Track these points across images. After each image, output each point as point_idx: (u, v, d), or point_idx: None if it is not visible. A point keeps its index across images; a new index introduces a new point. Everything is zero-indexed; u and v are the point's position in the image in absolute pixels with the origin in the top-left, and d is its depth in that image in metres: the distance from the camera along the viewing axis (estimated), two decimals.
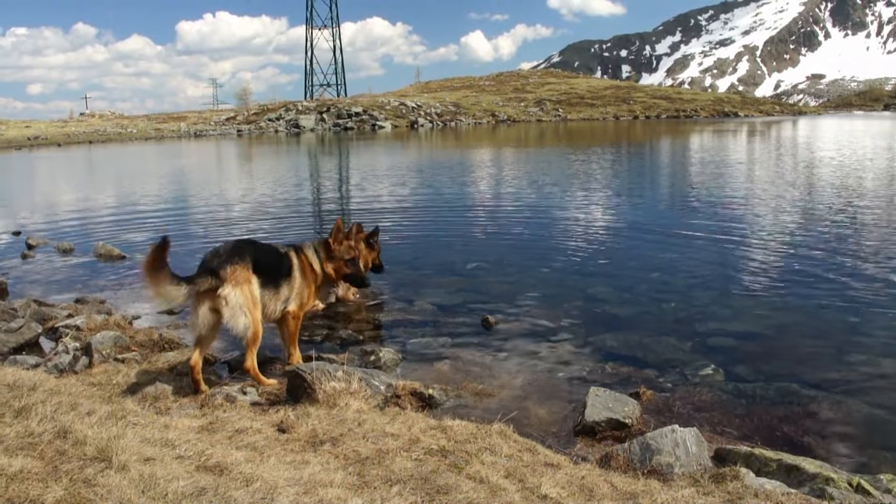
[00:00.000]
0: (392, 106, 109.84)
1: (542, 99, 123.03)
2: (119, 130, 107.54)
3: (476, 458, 4.67)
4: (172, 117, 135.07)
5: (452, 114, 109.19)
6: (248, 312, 6.29)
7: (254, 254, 6.55)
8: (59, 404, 4.10)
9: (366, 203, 21.46)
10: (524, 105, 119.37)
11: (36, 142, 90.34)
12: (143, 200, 24.54)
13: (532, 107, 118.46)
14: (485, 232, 15.59)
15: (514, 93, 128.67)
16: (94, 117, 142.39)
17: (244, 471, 3.49)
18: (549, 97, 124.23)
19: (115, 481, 2.98)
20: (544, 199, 20.87)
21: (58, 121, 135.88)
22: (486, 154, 43.30)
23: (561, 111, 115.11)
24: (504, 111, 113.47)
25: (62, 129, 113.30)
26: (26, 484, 2.96)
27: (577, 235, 14.66)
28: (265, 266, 6.64)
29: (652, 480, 4.60)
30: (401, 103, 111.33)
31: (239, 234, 16.20)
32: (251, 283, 6.34)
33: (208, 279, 6.14)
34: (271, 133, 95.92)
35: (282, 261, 6.97)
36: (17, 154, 68.11)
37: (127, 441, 3.50)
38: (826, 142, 47.54)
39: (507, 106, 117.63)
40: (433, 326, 8.87)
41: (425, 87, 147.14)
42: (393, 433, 4.93)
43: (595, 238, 14.33)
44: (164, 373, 6.95)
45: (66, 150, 71.65)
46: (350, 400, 5.56)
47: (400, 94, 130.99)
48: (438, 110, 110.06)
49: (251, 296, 6.34)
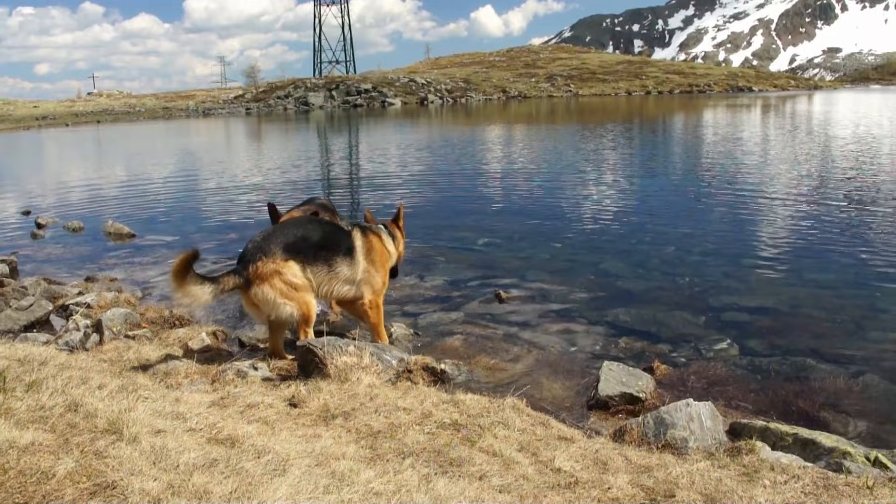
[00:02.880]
0: (402, 82, 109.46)
1: (553, 74, 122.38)
2: (127, 110, 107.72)
3: (489, 432, 4.64)
4: (181, 96, 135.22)
5: (463, 90, 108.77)
6: (287, 301, 6.19)
7: (287, 237, 6.29)
8: (69, 378, 4.08)
9: (377, 180, 21.41)
10: (535, 81, 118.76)
11: (44, 122, 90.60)
12: (152, 179, 24.56)
13: (543, 82, 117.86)
14: (496, 208, 15.51)
15: (525, 68, 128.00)
16: (101, 96, 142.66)
17: (256, 443, 3.47)
18: (560, 73, 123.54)
19: (126, 453, 2.97)
20: (556, 175, 20.77)
21: (66, 100, 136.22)
22: (496, 131, 43.12)
23: (572, 87, 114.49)
24: (515, 87, 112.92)
25: (70, 108, 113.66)
26: (38, 456, 2.94)
27: (589, 211, 14.58)
28: (311, 244, 6.37)
29: (666, 454, 4.56)
30: (410, 80, 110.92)
31: (249, 213, 16.17)
32: (281, 272, 6.12)
33: (233, 278, 6.06)
34: (280, 111, 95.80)
35: (339, 238, 6.60)
36: (26, 134, 68.30)
37: (138, 414, 3.48)
38: (842, 116, 47.19)
39: (517, 82, 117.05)
40: (445, 301, 8.84)
41: (435, 64, 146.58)
42: (405, 407, 4.90)
43: (607, 213, 14.25)
44: (175, 349, 6.94)
45: (74, 130, 71.80)
46: (362, 375, 5.53)
47: (410, 71, 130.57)
48: (448, 87, 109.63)
49: (285, 284, 6.15)
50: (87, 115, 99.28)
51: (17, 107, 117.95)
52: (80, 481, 2.77)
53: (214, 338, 7.30)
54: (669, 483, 4.01)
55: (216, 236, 13.62)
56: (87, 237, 13.98)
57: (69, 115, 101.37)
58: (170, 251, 12.07)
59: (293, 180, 21.99)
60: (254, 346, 7.24)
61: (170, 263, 5.82)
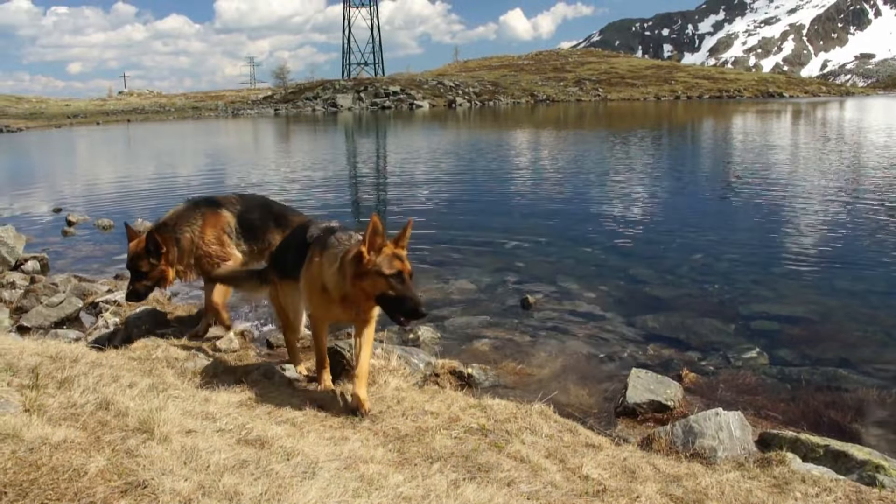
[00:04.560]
0: (430, 85, 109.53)
1: (582, 78, 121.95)
2: (157, 109, 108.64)
3: (516, 438, 4.62)
4: (210, 96, 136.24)
5: (491, 93, 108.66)
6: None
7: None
8: (100, 376, 4.11)
9: (404, 183, 21.41)
10: (563, 85, 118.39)
11: (75, 120, 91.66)
12: (182, 178, 24.73)
13: (571, 86, 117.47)
14: (525, 212, 15.47)
15: (554, 72, 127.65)
16: (132, 96, 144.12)
17: (285, 445, 3.47)
18: (588, 77, 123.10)
19: (157, 452, 2.98)
20: (584, 180, 20.69)
21: (97, 99, 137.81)
22: (525, 135, 43.06)
23: (601, 91, 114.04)
24: (543, 91, 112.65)
25: (101, 107, 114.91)
26: (69, 453, 2.96)
27: (617, 216, 14.50)
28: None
29: (695, 464, 4.53)
30: (439, 82, 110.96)
31: None
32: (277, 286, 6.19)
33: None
34: (308, 112, 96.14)
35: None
36: (58, 132, 69.04)
37: (168, 413, 3.50)
38: (875, 123, 46.63)
39: (546, 85, 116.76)
40: (472, 305, 8.83)
41: (464, 67, 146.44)
42: (432, 411, 4.90)
43: (636, 219, 14.18)
44: (203, 348, 6.96)
45: (104, 128, 72.50)
46: (389, 377, 5.54)
47: (438, 74, 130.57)
48: (477, 89, 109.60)
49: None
50: (118, 114, 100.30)
51: (50, 105, 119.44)
52: (111, 479, 2.78)
53: (242, 338, 7.32)
54: (699, 493, 3.98)
55: None
56: (117, 235, 14.07)
57: (100, 113, 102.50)
58: None
59: (320, 181, 22.07)
60: (281, 346, 7.26)
61: None
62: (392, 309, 4.76)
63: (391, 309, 4.76)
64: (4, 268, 10.45)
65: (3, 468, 2.85)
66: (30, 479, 2.76)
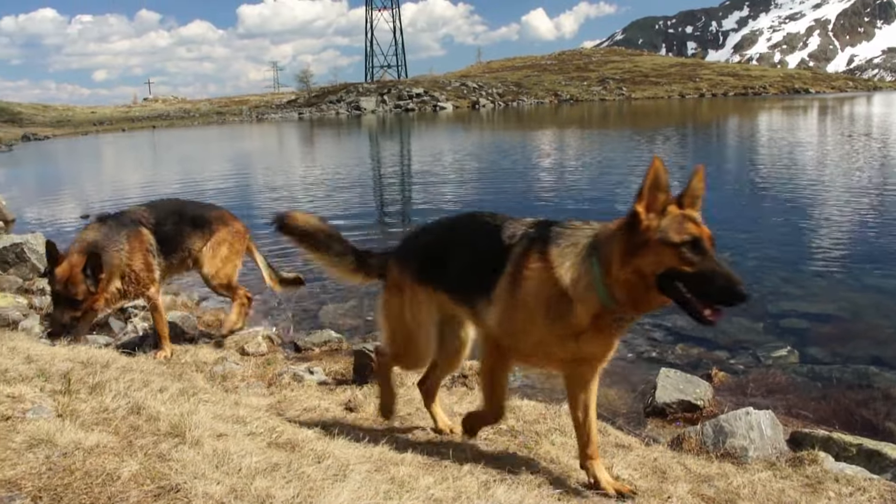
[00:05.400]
0: (453, 86, 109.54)
1: (606, 77, 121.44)
2: (182, 115, 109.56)
3: (546, 439, 4.62)
4: (234, 101, 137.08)
5: (514, 94, 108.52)
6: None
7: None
8: (131, 381, 4.14)
9: (430, 184, 21.43)
10: (587, 84, 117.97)
11: (101, 127, 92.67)
12: (207, 183, 24.87)
13: (595, 86, 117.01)
14: (549, 211, 15.43)
15: (577, 72, 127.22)
16: (157, 102, 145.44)
17: (315, 448, 3.49)
18: (612, 76, 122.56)
19: (189, 456, 3.00)
20: (609, 179, 20.64)
21: (122, 106, 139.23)
22: (549, 136, 42.98)
23: (625, 90, 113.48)
24: (567, 90, 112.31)
25: (126, 113, 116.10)
26: (102, 458, 2.99)
27: None
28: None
29: (726, 463, 4.49)
30: (462, 84, 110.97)
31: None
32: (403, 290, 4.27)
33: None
34: (332, 115, 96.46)
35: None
36: (84, 139, 69.75)
37: (199, 417, 3.52)
38: None
39: (569, 85, 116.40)
40: None
41: (487, 67, 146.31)
42: (461, 412, 4.89)
43: None
44: (232, 352, 7.01)
45: (130, 135, 73.21)
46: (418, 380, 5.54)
47: (461, 75, 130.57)
48: (500, 90, 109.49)
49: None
50: (143, 120, 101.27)
51: (76, 112, 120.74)
52: (144, 483, 2.80)
53: (270, 342, 7.36)
54: (731, 493, 3.95)
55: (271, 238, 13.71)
56: None
57: (125, 120, 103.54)
58: None
59: (346, 184, 22.15)
60: (309, 349, 7.29)
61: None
62: (692, 295, 3.24)
63: (690, 295, 3.23)
64: (34, 275, 10.55)
65: (38, 473, 2.88)
66: (64, 484, 2.79)
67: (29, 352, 4.73)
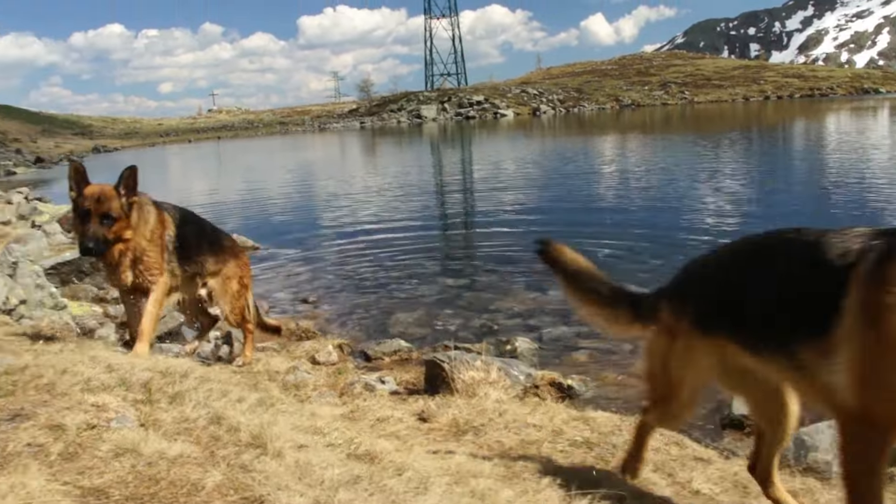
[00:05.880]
0: (513, 93, 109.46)
1: (667, 82, 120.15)
2: (245, 125, 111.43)
3: (622, 451, 4.54)
4: (296, 111, 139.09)
5: (575, 99, 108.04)
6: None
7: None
8: (210, 391, 4.19)
9: (492, 192, 21.40)
10: (648, 88, 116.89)
11: (168, 138, 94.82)
12: (272, 192, 25.20)
13: (657, 90, 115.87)
14: (615, 219, 15.28)
15: (638, 76, 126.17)
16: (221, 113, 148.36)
17: (394, 460, 3.48)
18: (674, 79, 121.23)
19: (271, 468, 3.02)
20: (674, 186, 20.31)
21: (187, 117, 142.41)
22: (611, 141, 42.65)
23: (687, 94, 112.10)
24: (628, 95, 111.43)
25: (192, 125, 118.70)
26: (186, 468, 3.02)
27: (710, 222, 14.21)
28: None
29: (809, 478, 4.37)
30: (522, 90, 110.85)
31: (368, 224, 16.36)
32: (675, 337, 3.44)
33: None
34: (393, 124, 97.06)
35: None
36: (151, 150, 71.28)
37: (280, 428, 3.54)
38: None
39: (630, 90, 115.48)
40: (568, 315, 8.68)
41: (547, 74, 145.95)
42: (535, 424, 4.85)
43: (730, 224, 13.85)
44: (303, 361, 7.06)
45: (195, 146, 74.62)
46: (489, 390, 5.51)
47: (521, 81, 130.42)
48: (561, 96, 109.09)
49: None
50: (208, 131, 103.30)
51: (144, 124, 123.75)
52: (228, 494, 2.82)
53: (340, 351, 7.41)
54: None
55: (337, 247, 13.85)
56: None
57: (191, 131, 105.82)
58: (293, 263, 12.36)
59: (409, 192, 22.22)
60: (379, 358, 7.32)
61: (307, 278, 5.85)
62: None
63: None
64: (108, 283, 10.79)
65: (125, 482, 2.92)
66: (150, 493, 2.82)
67: (109, 361, 4.80)
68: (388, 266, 11.82)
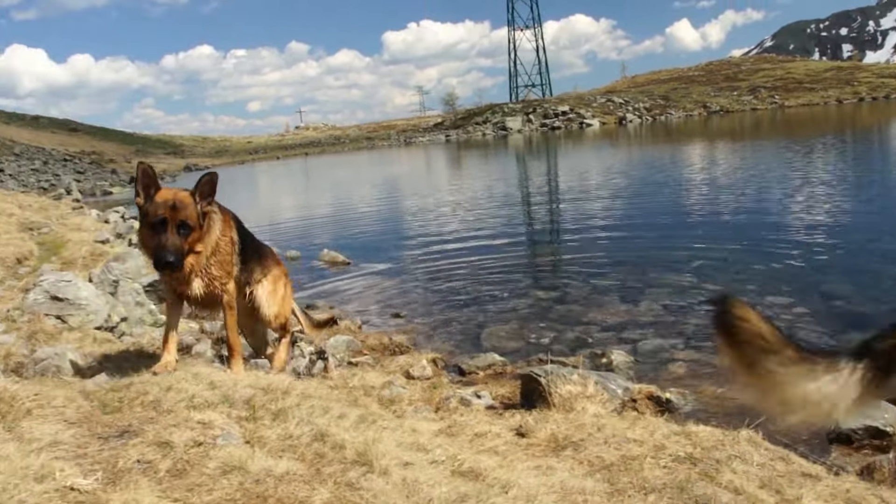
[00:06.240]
0: (599, 103, 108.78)
1: (756, 86, 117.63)
2: (332, 141, 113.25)
3: (726, 467, 4.43)
4: (382, 126, 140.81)
5: (661, 107, 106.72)
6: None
7: None
8: (312, 408, 4.24)
9: (580, 202, 21.24)
10: (737, 94, 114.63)
11: (257, 156, 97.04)
12: (361, 207, 25.49)
13: (745, 95, 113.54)
14: (706, 228, 15.00)
15: (726, 81, 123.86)
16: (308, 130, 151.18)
17: (499, 477, 3.46)
18: (763, 84, 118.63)
19: (378, 486, 3.03)
20: (766, 193, 19.81)
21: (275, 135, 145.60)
22: (700, 149, 41.95)
23: (777, 98, 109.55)
24: (716, 101, 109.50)
25: (280, 142, 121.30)
26: (293, 485, 3.06)
27: (804, 230, 13.78)
28: None
29: None
30: (608, 100, 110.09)
31: (456, 239, 16.40)
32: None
33: None
34: (478, 137, 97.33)
35: None
36: (241, 168, 72.90)
37: (384, 445, 3.56)
38: None
39: (718, 96, 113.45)
40: (663, 327, 8.58)
41: (632, 82, 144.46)
42: (635, 439, 4.76)
43: (825, 232, 13.41)
44: (397, 376, 7.09)
45: (284, 162, 76.03)
46: (587, 404, 5.45)
47: (606, 91, 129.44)
48: (647, 104, 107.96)
49: None
50: (296, 148, 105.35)
51: (233, 143, 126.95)
52: None
53: (434, 365, 7.42)
54: None
55: (426, 260, 13.90)
56: (304, 265, 14.62)
57: (279, 148, 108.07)
58: (384, 278, 12.46)
59: (493, 204, 22.21)
60: (473, 373, 7.31)
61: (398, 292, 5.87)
62: None
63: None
64: None
65: (233, 499, 2.97)
66: None
67: (211, 378, 4.91)
68: (478, 279, 11.82)
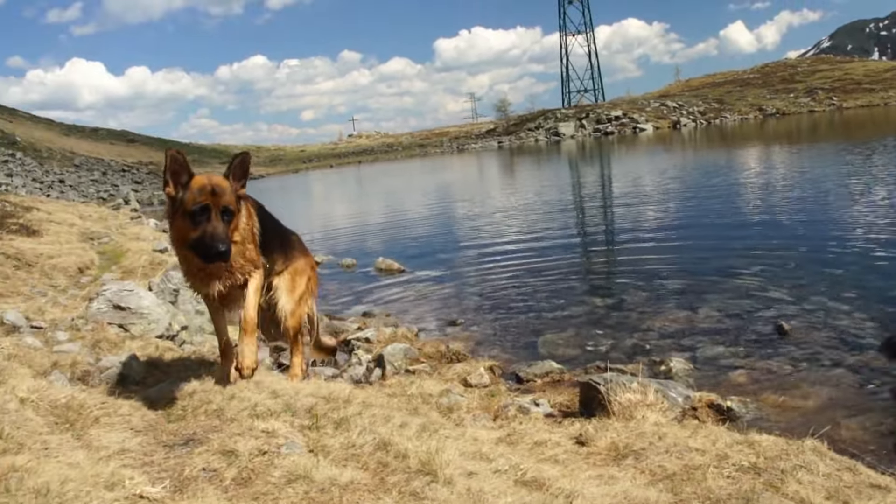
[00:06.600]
0: (652, 107, 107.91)
1: (814, 88, 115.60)
2: (385, 149, 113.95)
3: (791, 477, 4.36)
4: (434, 133, 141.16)
5: (716, 111, 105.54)
6: None
7: None
8: (373, 416, 4.28)
9: (634, 208, 21.08)
10: (793, 96, 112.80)
11: (310, 164, 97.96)
12: (415, 215, 25.58)
13: (802, 97, 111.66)
14: (764, 234, 14.75)
15: (782, 84, 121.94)
16: (361, 138, 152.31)
17: (562, 486, 3.45)
18: (820, 85, 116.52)
19: (443, 495, 3.04)
20: (825, 196, 19.41)
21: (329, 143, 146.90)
22: (756, 152, 41.32)
23: (835, 99, 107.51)
24: (772, 104, 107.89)
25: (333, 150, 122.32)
26: (357, 495, 3.08)
27: (865, 235, 13.44)
28: None
29: None
30: (661, 104, 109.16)
31: (513, 246, 16.37)
32: None
33: None
34: (531, 143, 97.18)
35: None
36: (295, 176, 73.59)
37: (448, 455, 3.57)
38: None
39: (774, 98, 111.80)
40: (723, 334, 8.47)
41: (686, 86, 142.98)
42: (697, 448, 4.71)
43: (888, 237, 13.08)
44: (455, 384, 7.10)
45: (337, 170, 76.64)
46: (647, 412, 5.40)
47: (660, 95, 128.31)
48: (701, 108, 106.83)
49: None
50: (349, 156, 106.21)
51: (287, 151, 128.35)
52: None
53: (492, 373, 7.43)
54: None
55: (481, 267, 13.90)
56: (360, 273, 14.73)
57: (332, 156, 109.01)
58: (439, 285, 12.49)
59: (546, 210, 22.13)
60: (531, 380, 7.29)
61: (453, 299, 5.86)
62: None
63: None
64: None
65: None
66: None
67: (273, 386, 4.97)
68: (533, 286, 11.78)
